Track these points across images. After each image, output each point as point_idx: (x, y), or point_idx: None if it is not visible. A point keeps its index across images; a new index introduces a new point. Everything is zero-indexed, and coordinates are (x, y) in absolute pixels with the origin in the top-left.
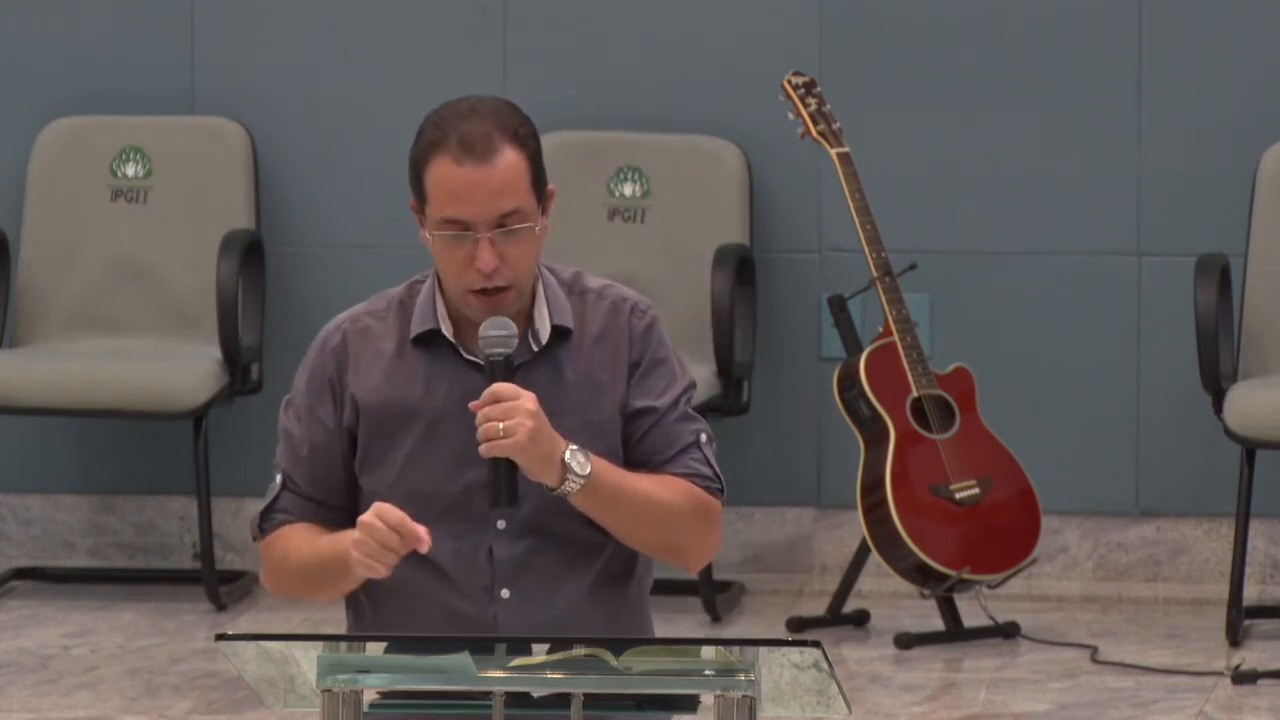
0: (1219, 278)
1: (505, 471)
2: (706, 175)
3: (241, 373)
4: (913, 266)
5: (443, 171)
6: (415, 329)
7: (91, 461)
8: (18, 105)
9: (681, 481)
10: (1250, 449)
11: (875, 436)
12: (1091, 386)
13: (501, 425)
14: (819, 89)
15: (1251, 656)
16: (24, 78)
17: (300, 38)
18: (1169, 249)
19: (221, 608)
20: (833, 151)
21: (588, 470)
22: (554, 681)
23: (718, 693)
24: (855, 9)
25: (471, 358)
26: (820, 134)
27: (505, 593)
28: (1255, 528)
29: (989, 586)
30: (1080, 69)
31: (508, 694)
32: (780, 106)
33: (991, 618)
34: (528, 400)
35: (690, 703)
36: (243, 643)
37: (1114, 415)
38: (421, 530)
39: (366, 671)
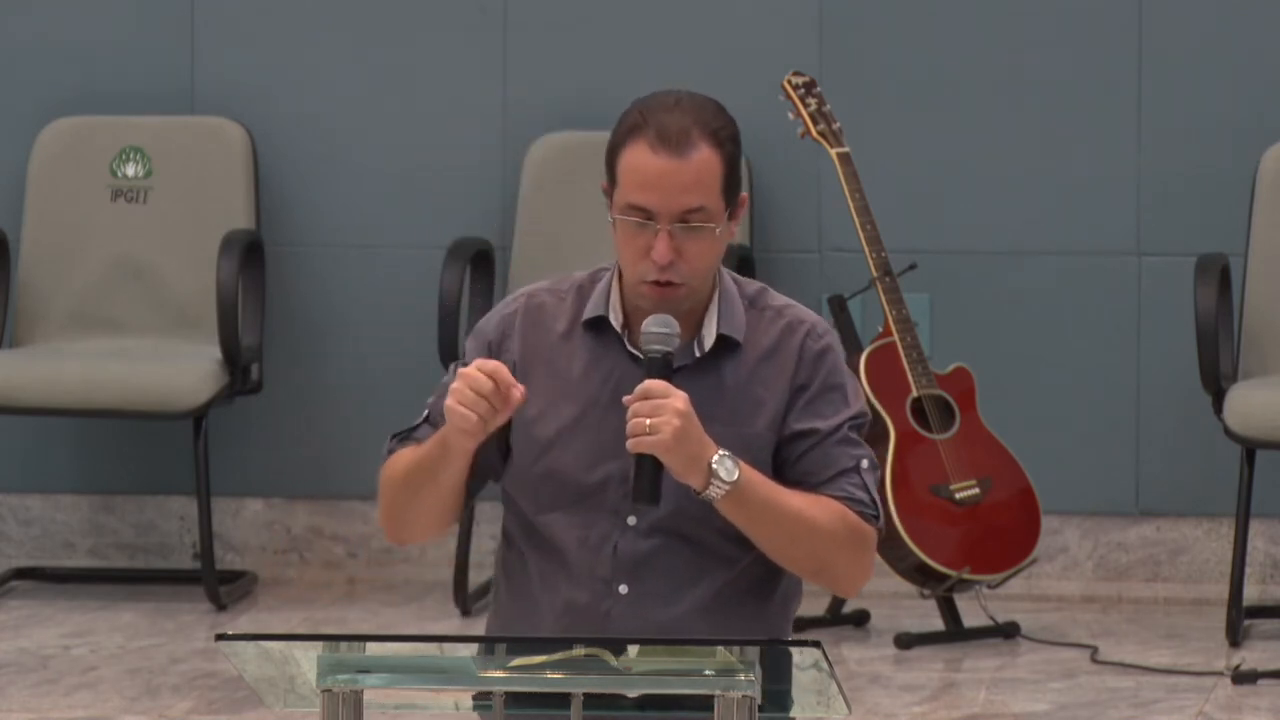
0: (1219, 278)
1: (649, 468)
2: None
3: (241, 373)
4: (913, 266)
5: (636, 157)
6: (587, 314)
7: (91, 461)
8: (18, 105)
9: (835, 503)
10: (1250, 449)
11: (875, 436)
12: (1091, 386)
13: (649, 422)
14: (819, 89)
15: (1251, 656)
16: (24, 78)
17: (300, 38)
18: (1169, 249)
19: (221, 608)
20: (833, 151)
21: (735, 477)
22: (554, 681)
23: (718, 693)
24: (855, 9)
25: (635, 350)
26: (820, 134)
27: (623, 588)
28: (1255, 528)
29: (989, 586)
30: (1080, 69)
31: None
32: (780, 106)
33: (991, 618)
34: (678, 399)
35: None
36: (243, 643)
37: (1114, 415)
38: (518, 387)
39: (366, 671)
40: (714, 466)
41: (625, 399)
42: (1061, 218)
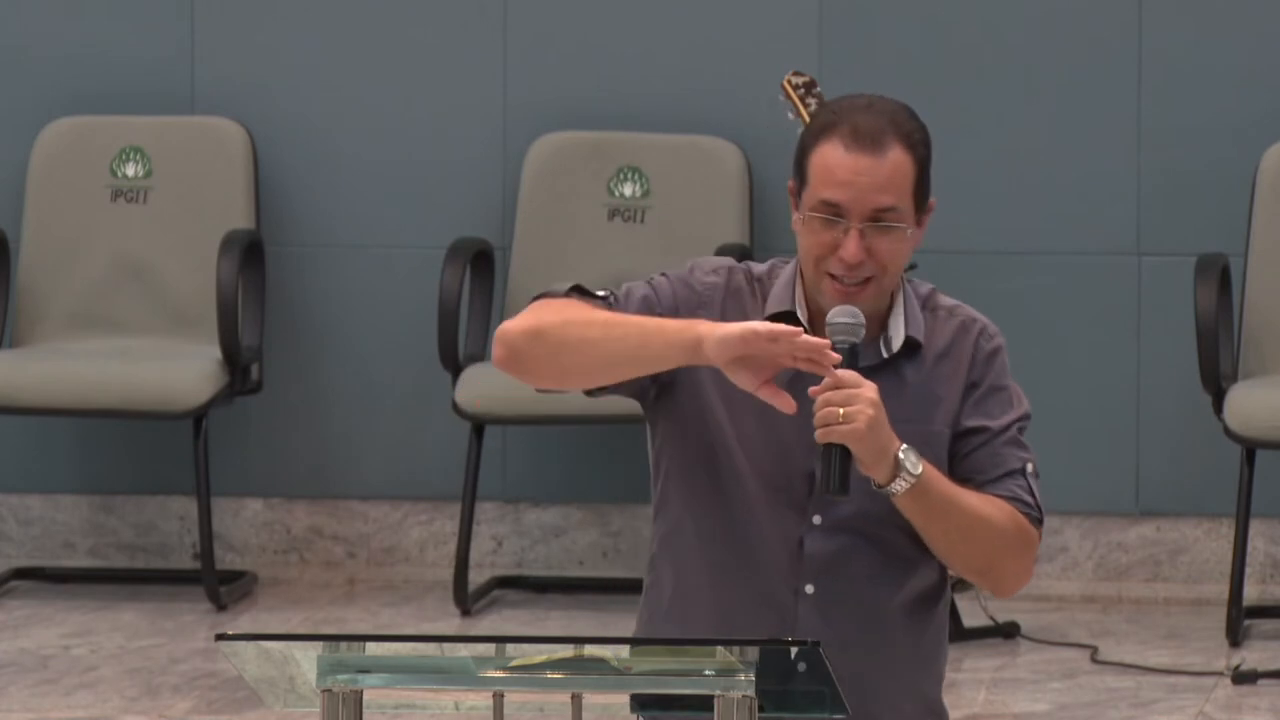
0: (1219, 278)
1: (839, 458)
2: (706, 175)
3: (241, 373)
4: (913, 266)
5: (829, 155)
6: (772, 307)
7: (91, 461)
8: (18, 105)
9: (1005, 503)
10: (1250, 449)
11: None
12: (1091, 386)
13: (842, 411)
14: (819, 89)
15: (1251, 656)
16: (24, 78)
17: (300, 38)
18: (1169, 249)
19: (221, 608)
20: None
21: (919, 470)
22: (554, 681)
23: (718, 693)
24: (855, 9)
25: None
26: None
27: (810, 589)
28: (1255, 528)
29: None
30: (1080, 69)
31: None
32: (780, 106)
33: (991, 618)
34: (869, 389)
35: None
36: (243, 643)
37: (1114, 415)
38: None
39: (366, 671)
40: (900, 459)
41: (812, 390)
42: (1061, 218)
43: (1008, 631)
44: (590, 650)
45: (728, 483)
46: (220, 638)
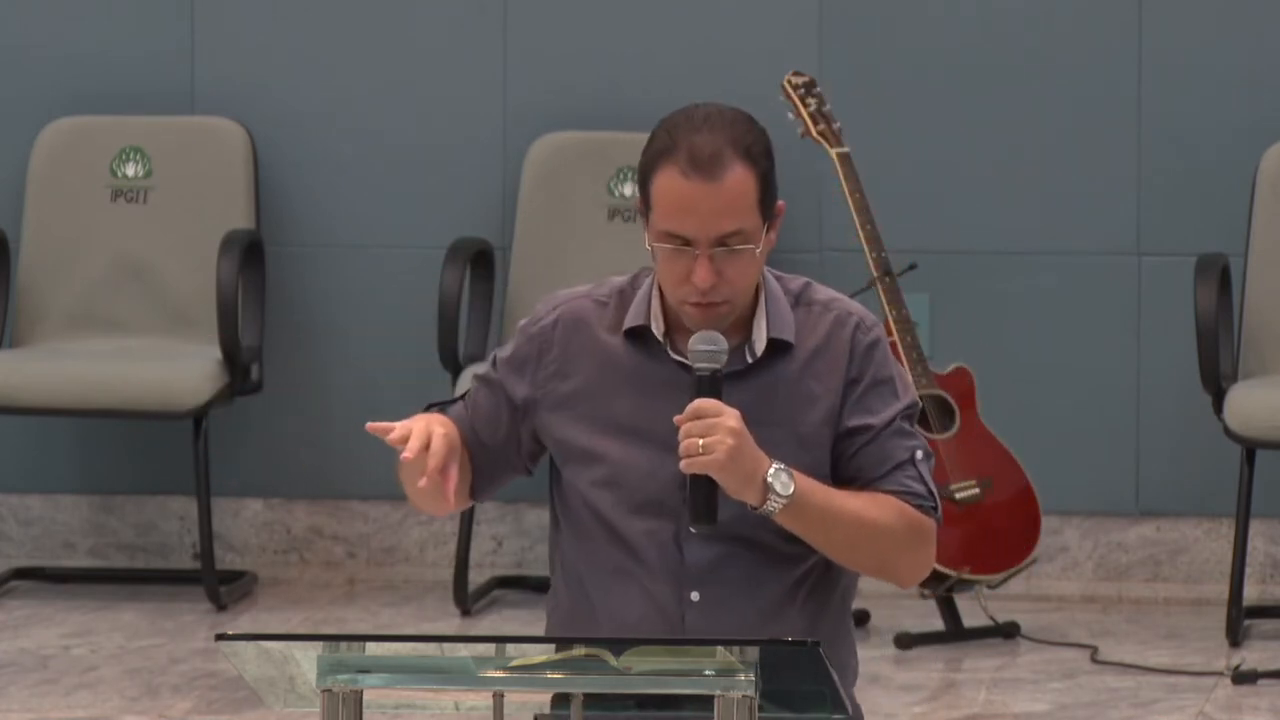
0: (1219, 278)
1: (705, 489)
2: None
3: (241, 373)
4: (913, 266)
5: (668, 183)
6: (628, 323)
7: (91, 461)
8: (18, 105)
9: (892, 499)
10: (1250, 449)
11: None
12: (1091, 386)
13: (701, 442)
14: (819, 89)
15: (1251, 656)
16: (24, 78)
17: (300, 38)
18: (1169, 249)
19: (221, 608)
20: (833, 151)
21: (790, 490)
22: (554, 682)
23: (718, 693)
24: (855, 9)
25: (678, 357)
26: (820, 134)
27: (695, 595)
28: (1255, 528)
29: (989, 586)
30: (1080, 69)
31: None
32: (780, 106)
33: (991, 618)
34: (729, 418)
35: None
36: (243, 643)
37: (1114, 415)
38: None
39: (366, 671)
40: (769, 481)
41: (676, 419)
42: (1061, 218)
43: (1008, 631)
44: (590, 650)
45: (618, 497)
46: (220, 638)
